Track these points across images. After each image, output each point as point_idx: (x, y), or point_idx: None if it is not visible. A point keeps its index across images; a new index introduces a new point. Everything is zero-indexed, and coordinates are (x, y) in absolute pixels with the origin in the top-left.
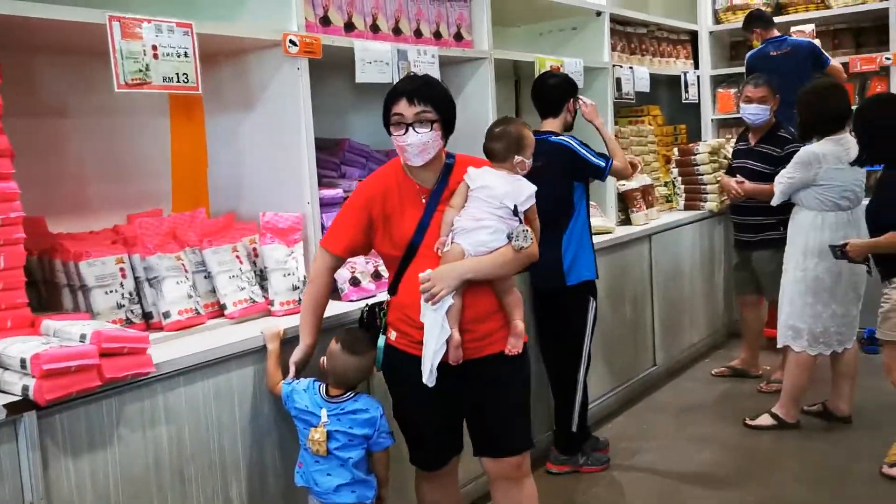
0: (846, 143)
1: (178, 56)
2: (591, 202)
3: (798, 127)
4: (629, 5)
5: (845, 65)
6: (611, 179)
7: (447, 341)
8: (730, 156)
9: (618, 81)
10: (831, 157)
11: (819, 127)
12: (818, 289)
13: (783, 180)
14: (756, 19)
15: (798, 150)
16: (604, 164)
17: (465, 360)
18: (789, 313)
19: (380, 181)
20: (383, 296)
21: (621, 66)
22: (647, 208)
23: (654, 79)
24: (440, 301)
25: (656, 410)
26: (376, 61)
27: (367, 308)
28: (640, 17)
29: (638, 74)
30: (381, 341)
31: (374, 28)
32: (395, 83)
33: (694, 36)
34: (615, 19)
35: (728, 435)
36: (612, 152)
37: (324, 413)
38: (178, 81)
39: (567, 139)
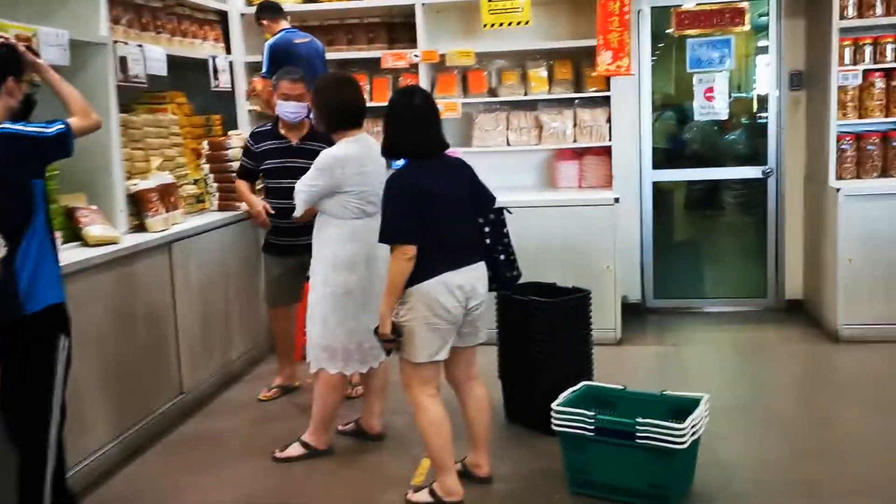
0: (367, 144)
1: None
2: (92, 206)
3: (323, 123)
4: None
5: (378, 59)
6: (117, 178)
7: None
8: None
9: (123, 61)
10: (354, 160)
11: (338, 123)
12: (350, 304)
13: (305, 188)
14: (263, 9)
15: None
16: (62, 128)
17: None
18: (322, 333)
19: None
20: None
21: (127, 44)
22: (167, 211)
23: (180, 62)
24: None
25: (180, 450)
26: None
27: None
28: None
29: (151, 54)
30: None
31: None
32: None
33: (225, 17)
34: None
35: (258, 471)
36: (71, 106)
37: None
38: None
39: (7, 125)
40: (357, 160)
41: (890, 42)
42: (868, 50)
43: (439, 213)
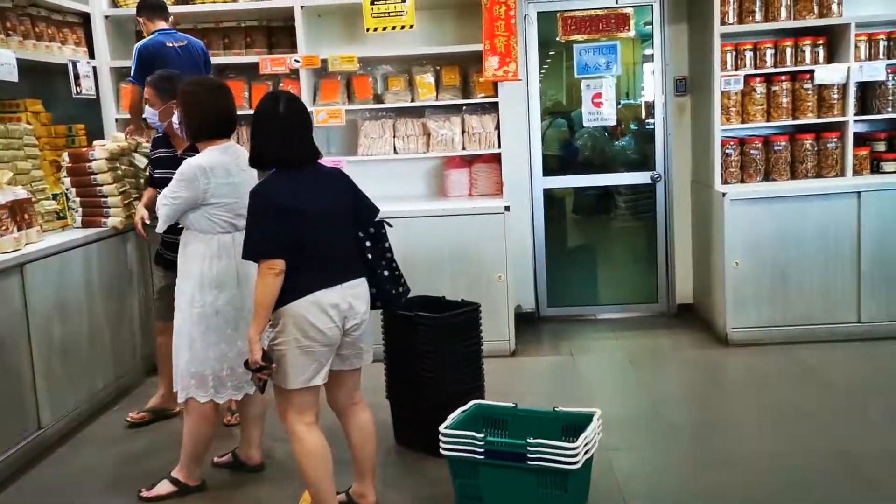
0: (235, 152)
1: None
2: None
3: (187, 129)
4: None
5: (257, 65)
6: None
7: None
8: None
9: None
10: (220, 169)
11: (209, 131)
12: (220, 325)
13: (167, 201)
14: (142, 7)
15: None
16: None
17: None
18: (190, 359)
19: None
20: None
21: None
22: (19, 229)
23: (38, 67)
24: None
25: (37, 494)
26: None
27: None
28: None
29: None
30: None
31: None
32: None
33: (87, 19)
34: None
35: None
36: None
37: None
38: None
39: None
40: (223, 169)
41: (769, 47)
42: (749, 55)
43: (309, 226)
